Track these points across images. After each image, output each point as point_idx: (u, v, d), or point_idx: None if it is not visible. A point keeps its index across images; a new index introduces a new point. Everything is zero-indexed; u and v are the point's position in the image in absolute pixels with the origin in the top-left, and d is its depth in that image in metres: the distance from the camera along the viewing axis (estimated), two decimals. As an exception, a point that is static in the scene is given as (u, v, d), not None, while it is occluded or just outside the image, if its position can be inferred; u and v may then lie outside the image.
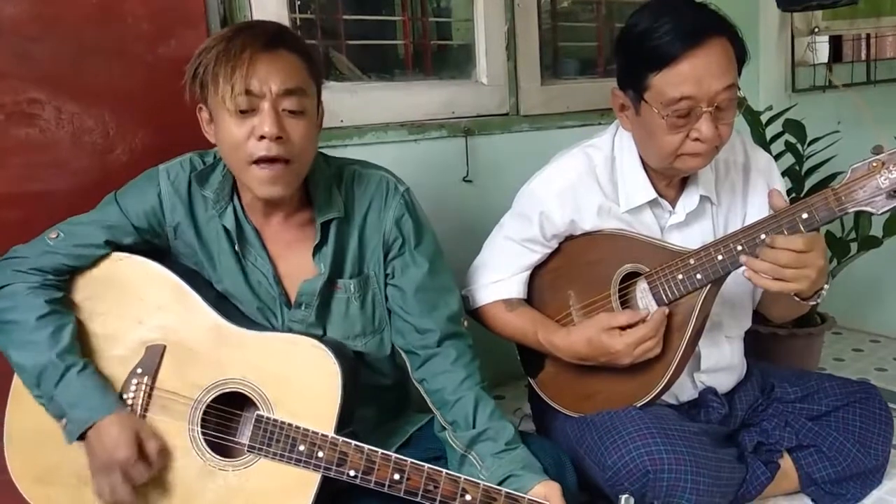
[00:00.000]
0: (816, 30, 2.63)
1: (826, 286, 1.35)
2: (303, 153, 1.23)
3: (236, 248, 1.32)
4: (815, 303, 1.37)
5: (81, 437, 1.19)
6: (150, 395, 1.25)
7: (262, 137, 1.17)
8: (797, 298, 1.35)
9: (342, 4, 2.03)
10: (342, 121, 1.90)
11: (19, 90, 1.43)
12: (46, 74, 1.45)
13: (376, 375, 1.41)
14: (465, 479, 1.21)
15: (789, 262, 1.24)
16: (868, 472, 1.52)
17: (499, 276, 1.54)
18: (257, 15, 1.72)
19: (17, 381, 1.27)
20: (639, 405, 1.42)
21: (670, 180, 1.47)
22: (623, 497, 1.17)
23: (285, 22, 1.79)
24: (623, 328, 1.37)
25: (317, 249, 1.32)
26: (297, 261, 1.34)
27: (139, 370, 1.25)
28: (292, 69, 1.20)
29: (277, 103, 1.18)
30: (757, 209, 1.49)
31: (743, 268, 1.29)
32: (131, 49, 1.54)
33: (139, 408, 1.24)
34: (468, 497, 1.19)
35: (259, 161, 1.19)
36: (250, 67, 1.16)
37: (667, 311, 1.37)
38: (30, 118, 1.45)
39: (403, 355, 1.40)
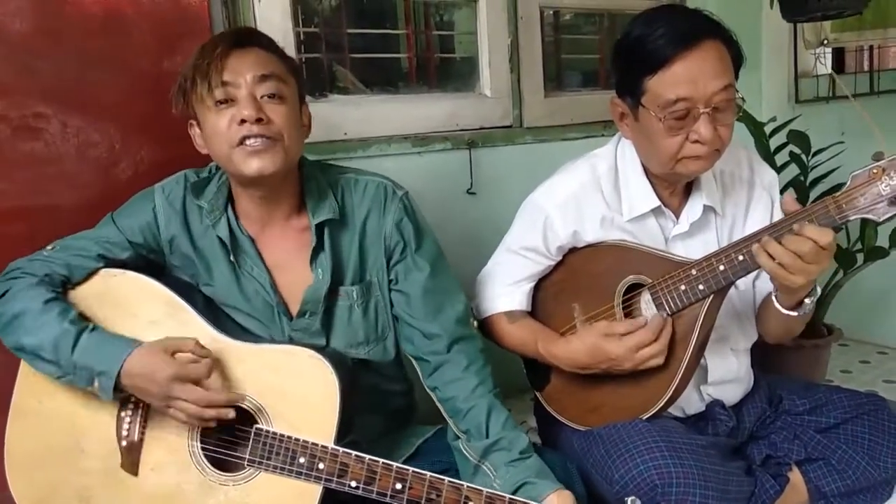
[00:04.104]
0: (826, 42, 2.62)
1: (808, 300, 1.32)
2: (285, 133, 1.24)
3: (231, 258, 1.32)
4: (800, 314, 1.35)
5: (119, 391, 1.18)
6: (147, 411, 1.24)
7: (242, 122, 1.21)
8: (784, 310, 1.33)
9: (346, 18, 2.04)
10: (346, 134, 1.91)
11: (25, 104, 1.45)
12: (52, 89, 1.46)
13: (383, 380, 1.41)
14: (467, 486, 1.19)
15: (808, 255, 1.21)
16: (878, 485, 1.50)
17: (501, 289, 1.54)
18: (261, 28, 1.73)
19: (16, 397, 1.26)
20: (645, 417, 1.40)
21: (674, 188, 1.47)
22: (630, 499, 1.17)
23: (290, 36, 1.82)
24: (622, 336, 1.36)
25: (314, 255, 1.32)
26: (295, 269, 1.33)
27: (137, 386, 1.25)
28: (266, 60, 1.25)
29: (254, 89, 1.22)
30: (757, 223, 1.48)
31: (746, 278, 1.27)
32: (136, 63, 1.55)
33: (137, 425, 1.23)
34: (471, 505, 1.18)
35: (242, 142, 1.21)
36: (223, 60, 1.21)
37: (666, 316, 1.36)
38: (36, 132, 1.46)
39: (414, 363, 1.39)
